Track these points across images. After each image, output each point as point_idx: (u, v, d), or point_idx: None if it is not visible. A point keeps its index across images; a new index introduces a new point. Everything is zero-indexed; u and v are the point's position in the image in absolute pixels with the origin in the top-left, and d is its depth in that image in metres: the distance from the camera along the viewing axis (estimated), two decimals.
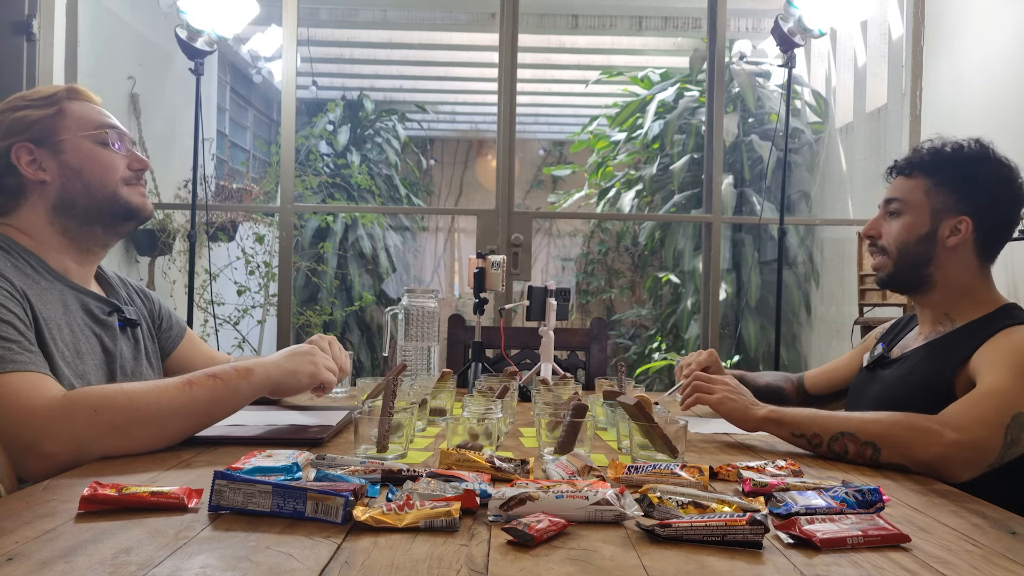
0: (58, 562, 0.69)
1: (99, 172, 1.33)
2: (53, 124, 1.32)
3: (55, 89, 1.36)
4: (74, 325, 1.28)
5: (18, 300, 1.17)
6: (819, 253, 5.33)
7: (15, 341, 1.11)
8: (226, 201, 4.86)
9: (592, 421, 1.19)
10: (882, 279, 1.50)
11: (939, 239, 1.42)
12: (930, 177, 1.44)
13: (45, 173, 1.31)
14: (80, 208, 1.32)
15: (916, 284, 1.46)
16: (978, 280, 1.45)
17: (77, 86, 1.40)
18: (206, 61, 3.13)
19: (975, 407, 1.21)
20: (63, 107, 1.34)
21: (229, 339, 5.04)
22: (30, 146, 1.30)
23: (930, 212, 1.43)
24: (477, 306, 1.96)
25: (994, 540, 0.83)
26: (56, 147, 1.31)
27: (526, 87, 6.57)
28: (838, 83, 5.24)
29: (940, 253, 1.43)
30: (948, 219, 1.42)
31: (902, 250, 1.45)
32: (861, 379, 1.59)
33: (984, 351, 1.31)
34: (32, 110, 1.32)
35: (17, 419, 1.05)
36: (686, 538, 0.78)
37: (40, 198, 1.31)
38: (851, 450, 1.21)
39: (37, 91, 1.36)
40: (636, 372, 5.34)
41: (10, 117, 1.31)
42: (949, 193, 1.42)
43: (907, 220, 1.44)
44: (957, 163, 1.43)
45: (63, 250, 1.33)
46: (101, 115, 1.38)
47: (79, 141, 1.33)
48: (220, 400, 1.20)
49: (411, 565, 0.71)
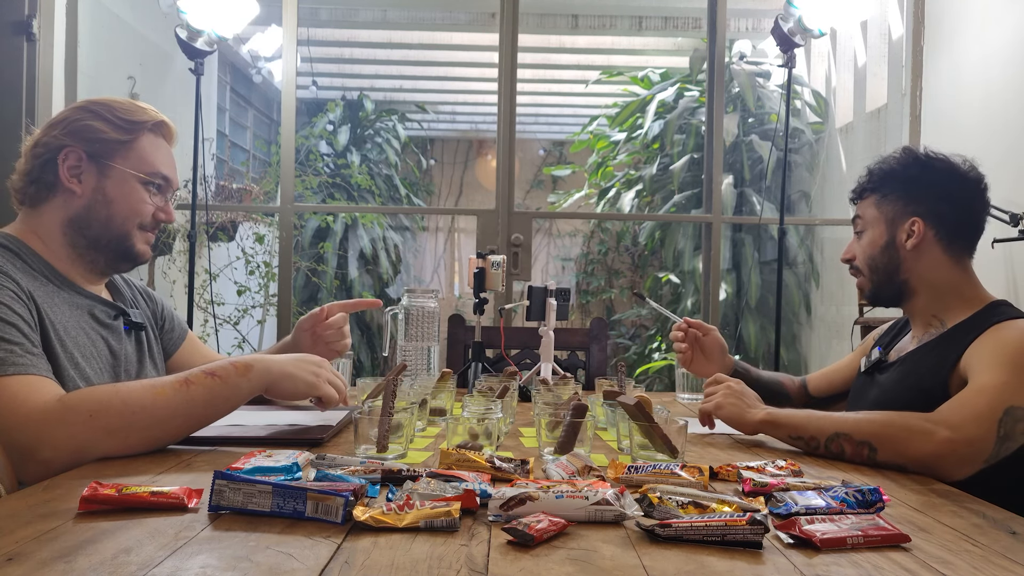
0: (58, 562, 0.69)
1: (126, 210, 1.35)
2: (117, 149, 1.33)
3: (145, 117, 1.37)
4: (81, 328, 1.28)
5: (24, 302, 1.17)
6: (819, 253, 5.32)
7: (18, 343, 1.11)
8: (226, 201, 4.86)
9: (592, 421, 1.19)
10: (867, 297, 1.56)
11: (899, 244, 1.47)
12: (877, 192, 1.51)
13: (80, 185, 1.32)
14: (92, 232, 1.33)
15: (897, 294, 1.51)
16: (957, 277, 1.46)
17: (168, 122, 1.41)
18: (206, 61, 3.13)
19: (968, 404, 1.22)
20: (139, 138, 1.35)
21: (229, 339, 5.03)
22: (81, 154, 1.31)
23: (885, 222, 1.49)
24: (477, 306, 1.96)
25: (994, 540, 0.83)
26: (105, 170, 1.33)
27: (526, 87, 6.57)
28: (838, 83, 5.24)
29: (905, 258, 1.47)
30: (901, 223, 1.47)
31: (871, 264, 1.51)
32: (860, 383, 1.60)
33: (974, 348, 1.32)
34: (109, 128, 1.33)
35: (14, 424, 1.05)
36: (686, 538, 0.79)
37: (63, 205, 1.32)
38: (848, 450, 1.22)
39: (126, 109, 1.36)
40: (636, 372, 5.34)
41: (86, 121, 1.32)
42: (895, 200, 1.48)
43: (868, 236, 1.51)
44: (895, 172, 1.50)
45: (70, 261, 1.34)
46: (163, 163, 1.39)
47: (128, 176, 1.34)
48: (218, 398, 1.18)
49: (411, 565, 0.71)
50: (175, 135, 1.44)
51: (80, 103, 1.37)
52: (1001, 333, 1.31)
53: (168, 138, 1.42)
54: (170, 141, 1.43)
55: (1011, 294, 3.08)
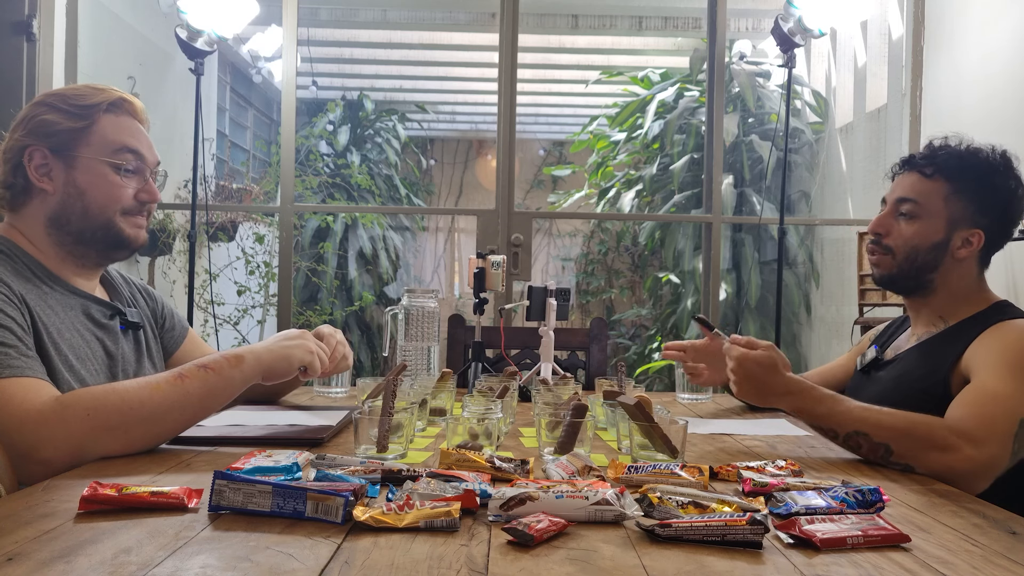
0: (58, 562, 0.69)
1: (101, 198, 1.30)
2: (76, 138, 1.29)
3: (99, 98, 1.32)
4: (75, 329, 1.27)
5: (16, 305, 1.16)
6: (819, 253, 5.32)
7: (12, 346, 1.11)
8: (226, 201, 4.86)
9: (592, 421, 1.19)
10: (882, 277, 1.48)
11: (951, 249, 1.40)
12: (951, 183, 1.39)
13: (50, 183, 1.29)
14: (74, 227, 1.30)
15: (916, 288, 1.45)
16: (975, 284, 1.44)
17: (128, 97, 1.35)
18: (206, 61, 3.13)
19: (986, 415, 1.19)
20: (96, 121, 1.30)
21: (229, 339, 5.04)
22: (45, 151, 1.28)
23: (947, 220, 1.39)
24: (477, 306, 1.96)
25: (994, 540, 0.83)
26: (70, 161, 1.29)
27: (526, 87, 6.56)
28: (838, 83, 5.24)
29: (947, 262, 1.40)
30: (962, 230, 1.39)
31: (911, 255, 1.42)
32: (856, 382, 1.58)
33: (978, 347, 1.30)
34: (63, 118, 1.29)
35: (12, 425, 1.05)
36: (686, 538, 0.78)
37: (41, 205, 1.30)
38: (864, 447, 1.20)
39: (80, 94, 1.31)
40: (636, 372, 5.34)
41: (40, 118, 1.29)
42: (968, 203, 1.38)
43: (922, 225, 1.41)
44: (980, 172, 1.38)
45: (60, 259, 1.32)
46: (130, 136, 1.33)
47: (94, 162, 1.30)
48: (214, 391, 1.19)
49: (411, 565, 0.71)
50: (141, 111, 1.37)
51: (37, 98, 1.32)
52: (1006, 333, 1.30)
53: (134, 114, 1.36)
54: (138, 117, 1.37)
55: (1011, 294, 3.08)
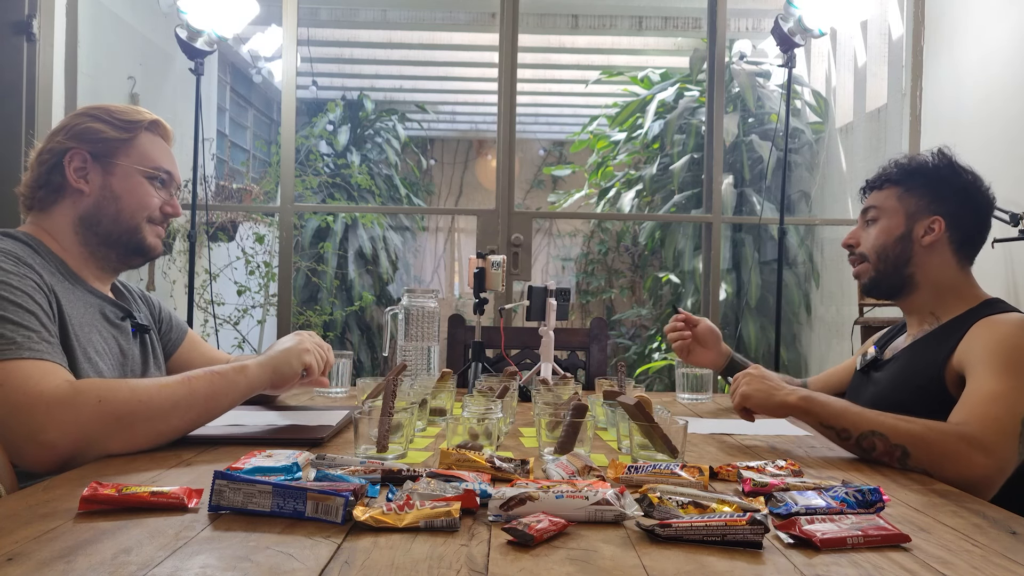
0: (58, 562, 0.69)
1: (134, 204, 1.39)
2: (118, 147, 1.39)
3: (141, 117, 1.43)
4: (94, 326, 1.32)
5: (45, 294, 1.21)
6: (819, 253, 5.32)
7: (35, 331, 1.14)
8: (226, 201, 4.86)
9: (592, 421, 1.19)
10: (866, 284, 1.56)
11: (915, 238, 1.48)
12: (900, 185, 1.52)
13: (87, 185, 1.37)
14: (103, 229, 1.38)
15: (899, 287, 1.51)
16: (960, 277, 1.48)
17: (162, 121, 1.46)
18: (206, 61, 3.13)
19: (990, 417, 1.19)
20: (137, 135, 1.41)
21: (229, 339, 5.04)
22: (86, 155, 1.36)
23: (904, 215, 1.50)
24: (477, 306, 1.96)
25: (994, 540, 0.83)
26: (109, 168, 1.38)
27: (526, 87, 6.57)
28: (838, 83, 5.24)
29: (917, 252, 1.48)
30: (922, 219, 1.48)
31: (881, 253, 1.51)
32: (856, 382, 1.61)
33: (969, 342, 1.32)
34: (108, 128, 1.38)
35: (23, 404, 1.06)
36: (686, 538, 0.78)
37: (73, 205, 1.36)
38: (880, 448, 1.20)
39: (123, 111, 1.42)
40: (636, 372, 5.34)
41: (86, 124, 1.37)
42: (920, 196, 1.49)
43: (883, 224, 1.52)
44: (925, 170, 1.51)
45: (82, 260, 1.38)
46: (164, 156, 1.44)
47: (132, 171, 1.39)
48: (218, 393, 1.22)
49: (411, 565, 0.71)
50: (171, 134, 1.49)
51: (79, 110, 1.42)
52: (997, 328, 1.31)
53: (165, 137, 1.47)
54: (167, 140, 1.48)
55: (1011, 294, 3.08)
